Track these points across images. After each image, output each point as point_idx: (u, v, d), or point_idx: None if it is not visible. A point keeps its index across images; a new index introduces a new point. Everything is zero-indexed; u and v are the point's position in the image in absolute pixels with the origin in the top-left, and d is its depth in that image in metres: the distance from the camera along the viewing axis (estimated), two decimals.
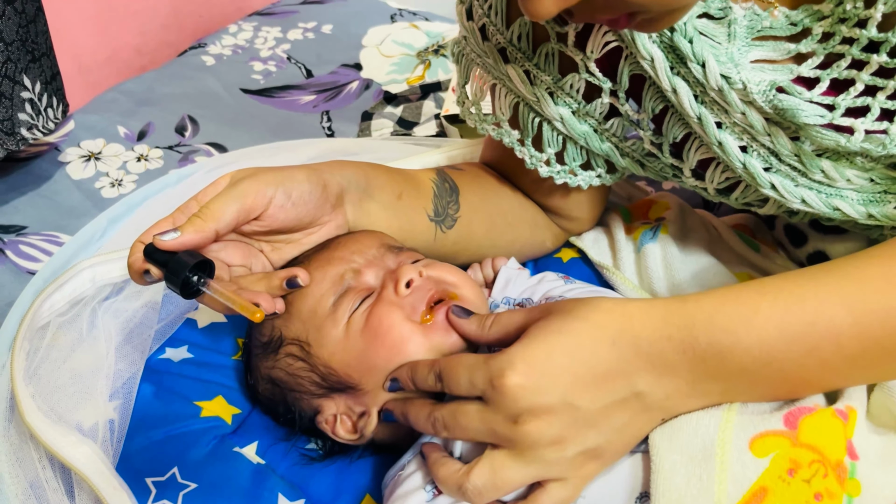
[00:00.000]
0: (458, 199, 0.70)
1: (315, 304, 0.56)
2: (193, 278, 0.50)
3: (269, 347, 0.58)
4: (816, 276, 0.48)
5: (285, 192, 0.54)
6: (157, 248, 0.50)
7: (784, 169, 0.57)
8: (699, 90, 0.55)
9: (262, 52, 1.27)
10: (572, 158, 0.67)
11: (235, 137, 1.07)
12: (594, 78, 0.60)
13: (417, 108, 1.13)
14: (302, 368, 0.56)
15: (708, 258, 0.72)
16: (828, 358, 0.47)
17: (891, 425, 0.51)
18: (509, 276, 0.68)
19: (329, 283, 0.56)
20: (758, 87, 0.53)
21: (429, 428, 0.50)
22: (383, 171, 0.66)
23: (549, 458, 0.47)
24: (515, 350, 0.48)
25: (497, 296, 0.66)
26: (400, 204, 0.65)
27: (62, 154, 1.02)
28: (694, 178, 0.64)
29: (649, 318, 0.48)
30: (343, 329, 0.55)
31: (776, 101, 0.53)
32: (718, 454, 0.47)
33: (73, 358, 0.62)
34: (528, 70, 0.63)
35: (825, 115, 0.52)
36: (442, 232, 0.68)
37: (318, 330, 0.55)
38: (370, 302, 0.55)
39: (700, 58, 0.53)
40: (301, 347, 0.56)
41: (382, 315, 0.54)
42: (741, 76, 0.53)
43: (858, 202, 0.58)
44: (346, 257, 0.57)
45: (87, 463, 0.53)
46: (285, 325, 0.57)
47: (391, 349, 0.53)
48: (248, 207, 0.53)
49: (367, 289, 0.56)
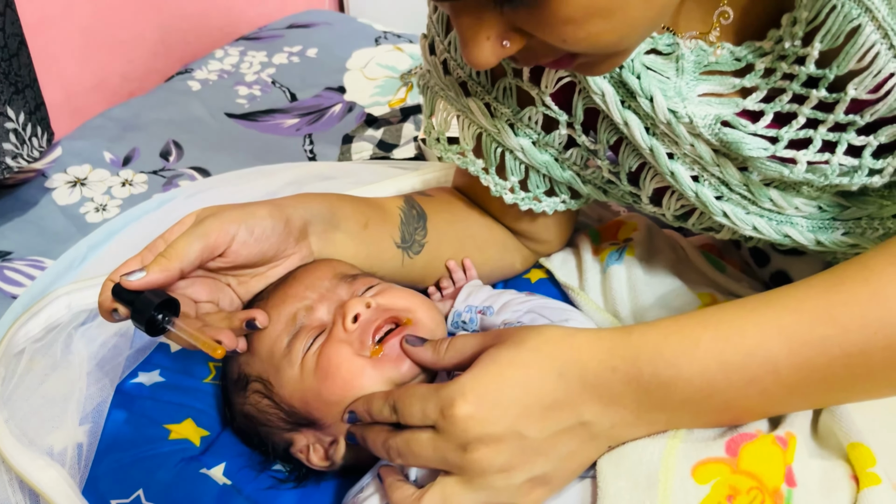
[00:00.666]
0: (426, 225, 0.71)
1: (272, 344, 0.57)
2: (158, 317, 0.52)
3: (238, 385, 0.60)
4: (756, 308, 0.49)
5: (247, 229, 0.56)
6: (124, 288, 0.52)
7: (735, 197, 0.59)
8: (650, 122, 0.57)
9: (247, 76, 1.29)
10: (535, 186, 0.68)
11: (219, 161, 1.09)
12: (551, 111, 0.62)
13: (397, 130, 1.15)
14: (268, 406, 0.58)
15: (672, 280, 0.73)
16: (767, 388, 0.48)
17: (836, 449, 0.52)
18: (472, 289, 0.71)
19: (283, 324, 0.57)
20: (703, 120, 0.54)
21: (384, 454, 0.52)
22: (349, 201, 0.67)
23: (498, 485, 0.48)
24: (465, 380, 0.49)
25: (460, 305, 0.68)
26: (366, 233, 0.66)
27: (49, 180, 1.04)
28: (652, 205, 0.65)
29: (596, 349, 0.49)
30: (298, 369, 0.56)
31: (721, 134, 0.54)
32: (662, 481, 0.48)
33: (47, 383, 0.63)
34: (489, 103, 0.65)
35: (768, 148, 0.54)
36: (409, 258, 0.70)
37: (276, 370, 0.57)
38: (321, 340, 0.56)
39: (648, 93, 0.55)
40: (265, 386, 0.58)
41: (331, 354, 0.55)
42: (687, 111, 0.54)
43: (808, 229, 0.59)
44: (299, 294, 0.58)
45: (53, 486, 0.54)
46: (248, 364, 0.59)
47: (344, 387, 0.54)
48: (212, 245, 0.54)
49: (320, 326, 0.57)
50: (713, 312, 0.50)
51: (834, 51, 0.49)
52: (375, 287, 0.60)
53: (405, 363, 0.55)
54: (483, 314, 0.67)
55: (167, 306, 0.52)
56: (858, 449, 0.51)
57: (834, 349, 0.47)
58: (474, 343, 0.52)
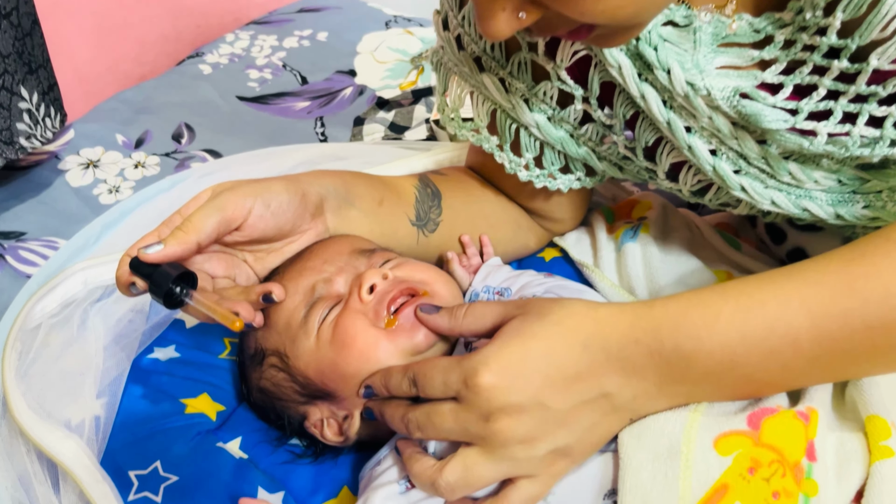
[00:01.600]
0: (441, 204, 0.71)
1: (289, 316, 0.57)
2: (176, 290, 0.52)
3: (254, 360, 0.60)
4: (777, 280, 0.49)
5: (264, 203, 0.56)
6: (142, 262, 0.52)
7: (753, 171, 0.58)
8: (667, 96, 0.56)
9: (258, 60, 1.29)
10: (550, 163, 0.68)
11: (230, 144, 1.09)
12: (566, 85, 0.61)
13: (409, 112, 1.14)
14: (284, 379, 0.58)
15: (687, 257, 0.72)
16: (788, 360, 0.48)
17: (856, 421, 0.52)
18: (490, 269, 0.70)
19: (301, 295, 0.57)
20: (721, 93, 0.54)
21: (403, 429, 0.52)
22: (363, 178, 0.67)
23: (520, 455, 0.48)
24: (489, 350, 0.49)
25: (478, 285, 0.68)
26: (381, 210, 0.66)
27: (62, 162, 1.04)
28: (668, 181, 0.65)
29: (618, 322, 0.49)
30: (314, 340, 0.56)
31: (740, 106, 0.54)
32: (684, 452, 0.48)
33: (64, 357, 0.64)
34: (503, 78, 0.64)
35: (788, 120, 0.53)
36: (424, 236, 0.69)
37: (292, 342, 0.57)
38: (338, 310, 0.56)
39: (665, 65, 0.54)
40: (281, 359, 0.58)
41: (347, 324, 0.55)
42: (705, 83, 0.54)
43: (827, 203, 0.59)
44: (316, 267, 0.58)
45: (71, 457, 0.54)
46: (265, 338, 0.59)
47: (359, 358, 0.54)
48: (228, 218, 0.54)
49: (337, 297, 0.57)
50: (734, 285, 0.50)
51: (856, 20, 0.48)
52: (393, 260, 0.60)
53: (420, 332, 0.54)
54: (501, 296, 0.66)
55: (185, 279, 0.52)
56: (874, 421, 0.50)
57: (855, 321, 0.47)
58: (495, 311, 0.52)
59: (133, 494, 0.54)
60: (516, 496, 0.49)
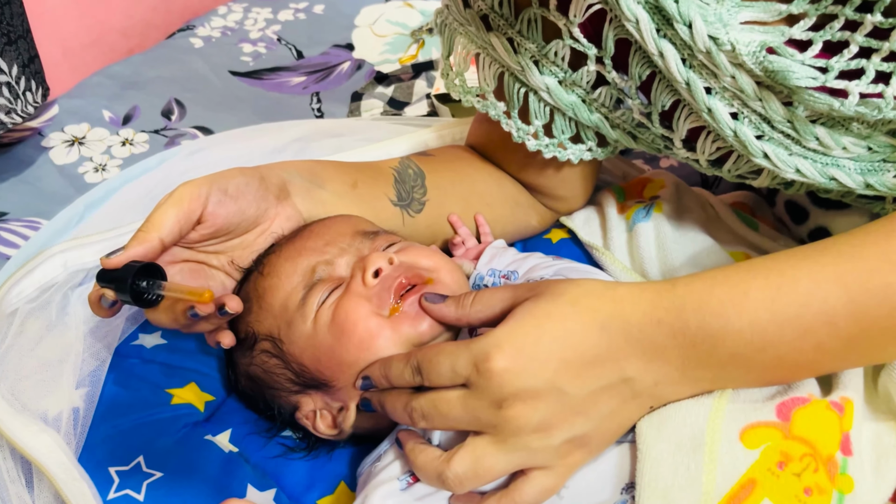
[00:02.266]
0: (425, 183, 0.68)
1: (286, 298, 0.54)
2: (142, 284, 0.50)
3: (245, 344, 0.57)
4: (810, 254, 0.47)
5: (220, 189, 0.54)
6: (107, 271, 0.50)
7: (777, 137, 0.55)
8: (687, 53, 0.53)
9: (251, 33, 1.25)
10: (561, 131, 0.64)
11: (223, 120, 1.05)
12: (578, 44, 0.58)
13: (409, 87, 1.11)
14: (276, 365, 0.55)
15: (703, 237, 0.69)
16: (823, 341, 0.45)
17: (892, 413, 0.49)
18: (495, 252, 0.67)
19: (299, 277, 0.54)
20: (747, 48, 0.50)
21: (406, 419, 0.49)
22: (332, 163, 0.65)
23: (534, 445, 0.46)
24: (501, 332, 0.46)
25: (483, 268, 0.65)
26: (356, 192, 0.63)
27: (45, 139, 1.01)
28: (685, 149, 0.61)
29: (639, 302, 0.47)
30: (311, 324, 0.53)
31: (766, 62, 0.50)
32: (708, 444, 0.46)
33: (41, 345, 0.61)
34: (512, 38, 0.61)
35: (818, 78, 0.50)
36: (410, 216, 0.67)
37: (288, 326, 0.54)
38: (338, 294, 0.53)
39: (686, 18, 0.50)
40: (274, 344, 0.55)
41: (349, 309, 0.52)
42: (730, 37, 0.50)
43: (856, 171, 0.55)
44: (317, 248, 0.55)
45: (46, 453, 0.51)
46: (258, 322, 0.56)
47: (359, 346, 0.51)
48: (187, 210, 0.53)
49: (338, 280, 0.54)
50: (762, 262, 0.48)
51: None
52: (398, 244, 0.57)
53: (424, 322, 0.52)
54: (507, 279, 0.63)
55: (150, 272, 0.50)
56: None
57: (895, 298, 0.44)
58: (504, 296, 0.49)
59: (113, 492, 0.52)
60: (529, 489, 0.47)
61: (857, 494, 0.45)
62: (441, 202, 0.69)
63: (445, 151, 0.75)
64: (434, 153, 0.74)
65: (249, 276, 0.57)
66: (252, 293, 0.56)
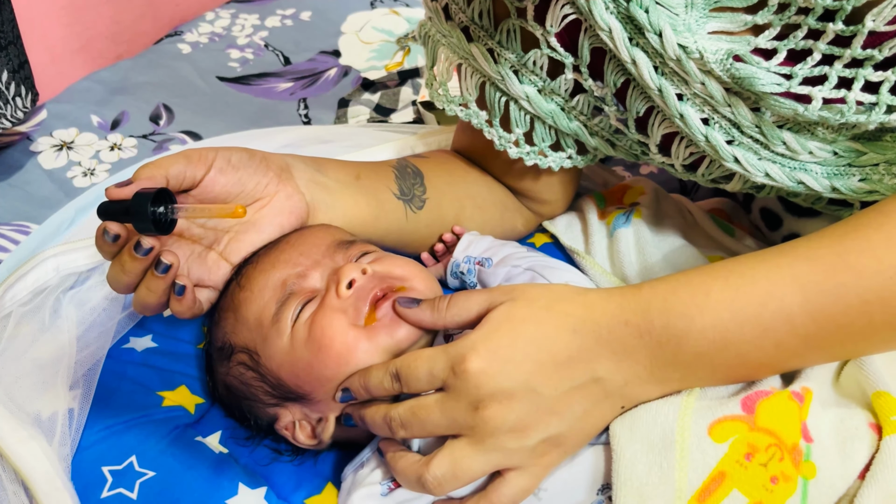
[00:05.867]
0: (424, 182, 0.69)
1: (260, 312, 0.54)
2: (160, 209, 0.48)
3: (222, 353, 0.57)
4: (769, 257, 0.49)
5: (224, 157, 0.55)
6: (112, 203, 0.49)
7: (746, 141, 0.57)
8: (658, 61, 0.55)
9: (239, 39, 1.26)
10: (541, 139, 0.66)
11: (211, 126, 1.06)
12: (556, 53, 0.60)
13: (395, 94, 1.12)
14: (253, 378, 0.55)
15: (681, 242, 0.71)
16: (782, 339, 0.47)
17: (856, 398, 0.51)
18: (471, 239, 0.69)
19: (271, 291, 0.54)
20: (714, 55, 0.52)
21: (385, 430, 0.50)
22: (333, 160, 0.66)
23: (511, 445, 0.47)
24: (477, 335, 0.47)
25: (459, 255, 0.67)
26: (360, 183, 0.64)
27: (34, 144, 1.01)
28: (661, 155, 0.63)
29: (608, 305, 0.48)
30: (288, 339, 0.53)
31: (733, 69, 0.52)
32: (678, 441, 0.47)
33: (35, 347, 0.61)
34: (492, 48, 0.62)
35: (782, 84, 0.52)
36: (413, 212, 0.68)
37: (264, 340, 0.54)
38: (313, 307, 0.53)
39: (657, 27, 0.52)
40: (250, 357, 0.55)
41: (325, 324, 0.51)
42: (698, 45, 0.52)
43: (823, 175, 0.57)
44: (291, 259, 0.55)
45: (31, 461, 0.51)
46: (234, 333, 0.55)
47: (338, 360, 0.51)
48: (194, 163, 0.53)
49: (311, 292, 0.54)
50: (723, 265, 0.50)
51: None
52: (372, 254, 0.57)
53: (401, 328, 0.52)
54: (481, 265, 0.65)
55: (163, 198, 0.49)
56: (884, 397, 0.49)
57: (850, 296, 0.46)
58: (480, 299, 0.50)
59: (107, 491, 0.52)
60: (506, 490, 0.48)
61: (820, 479, 0.46)
62: (439, 202, 0.70)
63: (437, 155, 0.76)
64: (427, 156, 0.75)
65: (229, 285, 0.57)
66: (229, 304, 0.56)
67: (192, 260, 0.56)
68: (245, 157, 0.56)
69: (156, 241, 0.50)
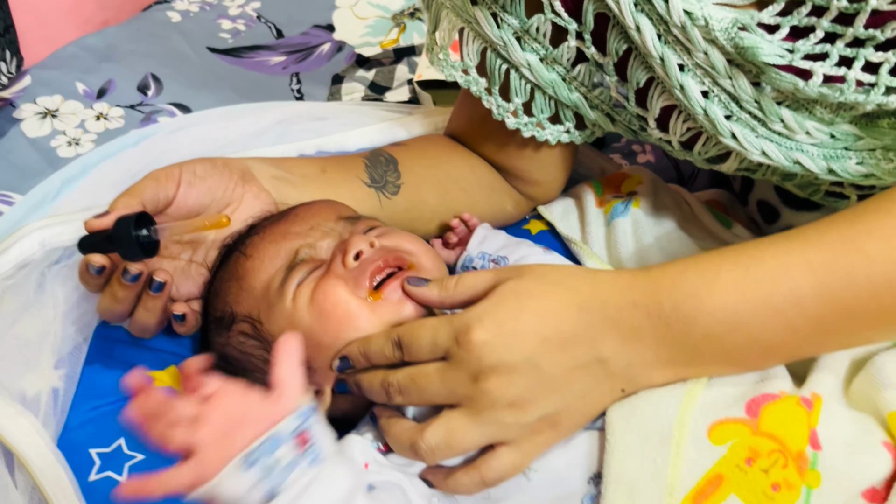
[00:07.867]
0: (398, 168, 0.69)
1: (268, 280, 0.55)
2: (142, 232, 0.49)
3: (221, 324, 0.57)
4: (777, 241, 0.49)
5: (189, 170, 0.57)
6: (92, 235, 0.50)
7: (744, 117, 0.57)
8: (662, 28, 0.54)
9: (230, 9, 1.23)
10: (540, 110, 0.66)
11: (201, 98, 1.04)
12: (559, 18, 0.59)
13: (390, 72, 1.10)
14: (254, 346, 0.55)
15: (679, 233, 0.71)
16: (793, 321, 0.47)
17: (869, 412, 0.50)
18: (486, 234, 0.68)
19: (282, 260, 0.55)
20: (720, 23, 0.52)
21: (382, 395, 0.50)
22: (295, 158, 0.69)
23: (507, 420, 0.47)
24: (483, 306, 0.48)
25: (473, 250, 0.66)
26: (326, 176, 0.65)
27: (17, 110, 0.99)
28: (659, 130, 0.63)
29: (616, 284, 0.49)
30: (290, 303, 0.53)
31: (738, 38, 0.52)
32: (675, 437, 0.47)
33: (19, 324, 0.60)
34: (495, 13, 0.61)
35: (785, 56, 0.52)
36: (387, 198, 0.68)
37: (269, 306, 0.54)
38: (318, 274, 0.54)
39: None
40: (252, 325, 0.55)
41: (328, 289, 0.52)
42: (704, 12, 0.52)
43: (819, 157, 0.57)
44: (301, 232, 0.56)
45: (22, 437, 0.51)
46: (238, 302, 0.56)
47: (338, 327, 0.52)
48: (163, 182, 0.55)
49: (319, 261, 0.55)
50: (733, 248, 0.50)
51: None
52: (379, 228, 0.58)
53: (407, 305, 0.52)
54: (496, 264, 0.64)
55: (143, 221, 0.50)
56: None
57: (860, 279, 0.46)
58: (487, 278, 0.50)
59: (95, 474, 0.51)
60: (496, 464, 0.48)
61: (825, 489, 0.46)
62: (418, 187, 0.69)
63: (418, 140, 0.76)
64: (406, 143, 0.75)
65: (230, 255, 0.57)
66: (233, 273, 0.56)
67: (177, 277, 0.57)
68: (208, 166, 0.58)
69: (142, 265, 0.52)
